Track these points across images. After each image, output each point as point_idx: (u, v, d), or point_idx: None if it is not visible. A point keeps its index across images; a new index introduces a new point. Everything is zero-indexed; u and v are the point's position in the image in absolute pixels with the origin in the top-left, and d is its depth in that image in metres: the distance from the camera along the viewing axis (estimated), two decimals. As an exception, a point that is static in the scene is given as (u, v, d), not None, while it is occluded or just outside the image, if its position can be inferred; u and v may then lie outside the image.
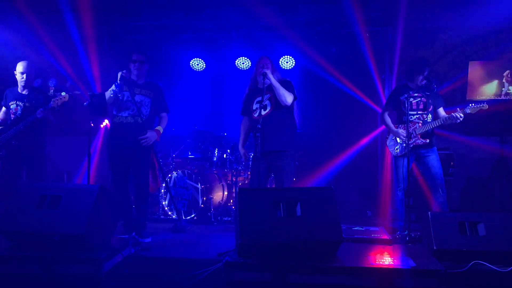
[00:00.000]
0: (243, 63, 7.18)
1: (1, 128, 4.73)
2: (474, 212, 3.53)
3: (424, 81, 4.64)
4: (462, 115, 4.47)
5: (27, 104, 4.74)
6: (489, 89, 6.51)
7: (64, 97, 4.65)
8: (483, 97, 6.47)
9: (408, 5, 6.10)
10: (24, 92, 4.80)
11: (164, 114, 4.73)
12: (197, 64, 7.37)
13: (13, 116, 4.73)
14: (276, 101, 4.29)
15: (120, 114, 4.49)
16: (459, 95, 6.59)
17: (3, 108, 4.86)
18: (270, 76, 4.24)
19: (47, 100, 4.71)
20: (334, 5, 6.30)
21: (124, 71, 4.42)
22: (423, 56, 6.46)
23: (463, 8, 6.06)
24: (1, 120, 4.84)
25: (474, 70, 6.55)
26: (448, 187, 5.87)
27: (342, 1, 6.12)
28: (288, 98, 4.27)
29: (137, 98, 4.49)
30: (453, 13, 6.24)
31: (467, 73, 6.56)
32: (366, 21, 6.46)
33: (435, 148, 4.77)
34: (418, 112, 4.72)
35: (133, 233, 4.39)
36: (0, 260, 3.29)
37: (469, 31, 6.54)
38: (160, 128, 4.59)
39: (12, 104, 4.77)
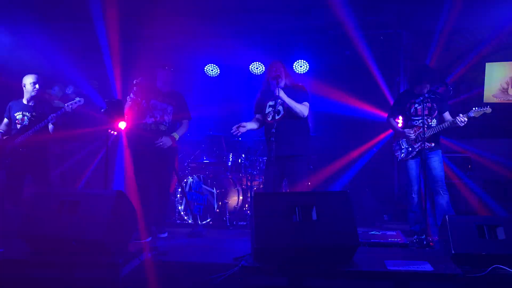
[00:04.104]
0: (257, 68, 7.20)
1: (6, 138, 4.88)
2: (492, 216, 3.48)
3: (427, 88, 4.75)
4: (465, 119, 4.50)
5: (34, 114, 4.92)
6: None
7: (80, 101, 4.82)
8: (500, 100, 6.38)
9: (421, 7, 6.06)
10: (30, 104, 4.97)
11: (185, 121, 4.97)
12: (211, 70, 7.42)
13: (19, 125, 4.89)
14: (289, 107, 4.29)
15: (143, 121, 4.75)
16: (475, 97, 6.51)
17: (5, 120, 5.00)
18: (284, 96, 4.21)
19: (53, 110, 4.91)
20: (347, 8, 6.28)
21: (139, 78, 4.60)
22: (431, 60, 6.44)
23: (478, 8, 5.99)
24: (4, 131, 4.97)
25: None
26: (466, 190, 5.81)
27: (356, 5, 6.11)
28: (304, 111, 4.28)
29: (160, 105, 4.78)
30: (468, 14, 6.17)
31: (483, 74, 6.48)
32: (380, 24, 6.44)
33: (440, 151, 4.83)
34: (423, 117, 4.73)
35: (150, 238, 4.53)
36: (21, 265, 3.36)
37: (485, 32, 6.45)
38: (175, 134, 4.78)
39: (18, 114, 4.92)
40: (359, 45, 6.61)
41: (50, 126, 4.89)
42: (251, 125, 4.52)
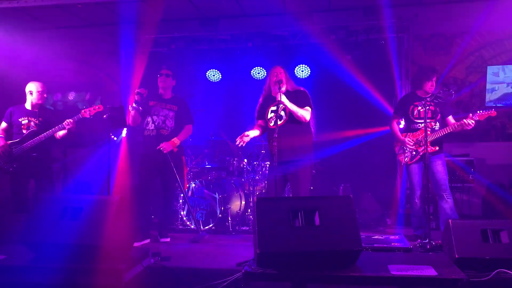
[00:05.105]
0: (258, 73, 7.22)
1: (12, 142, 4.88)
2: (496, 220, 3.46)
3: (434, 88, 4.74)
4: (473, 122, 4.48)
5: (40, 119, 4.97)
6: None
7: (99, 108, 4.90)
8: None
9: (423, 11, 6.08)
10: (35, 109, 5.01)
11: (187, 126, 5.05)
12: (213, 75, 7.44)
13: (25, 130, 4.91)
14: (291, 112, 4.28)
15: (146, 128, 4.89)
16: (477, 100, 6.51)
17: (4, 124, 5.00)
18: (286, 101, 4.22)
19: (56, 116, 5.01)
20: (348, 13, 6.30)
21: (141, 88, 4.82)
22: (433, 64, 6.46)
23: (479, 13, 6.00)
24: (3, 136, 4.96)
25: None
26: (469, 194, 5.79)
27: (357, 9, 6.13)
28: (306, 116, 4.29)
29: (162, 112, 4.90)
30: (469, 18, 6.19)
31: (485, 78, 6.49)
32: (381, 28, 6.44)
33: (443, 154, 4.82)
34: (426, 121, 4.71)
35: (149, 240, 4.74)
36: (24, 271, 3.35)
37: (486, 35, 6.47)
38: (175, 139, 4.83)
39: (23, 120, 4.95)
40: (360, 50, 6.61)
41: (63, 132, 4.89)
42: (254, 133, 4.53)
